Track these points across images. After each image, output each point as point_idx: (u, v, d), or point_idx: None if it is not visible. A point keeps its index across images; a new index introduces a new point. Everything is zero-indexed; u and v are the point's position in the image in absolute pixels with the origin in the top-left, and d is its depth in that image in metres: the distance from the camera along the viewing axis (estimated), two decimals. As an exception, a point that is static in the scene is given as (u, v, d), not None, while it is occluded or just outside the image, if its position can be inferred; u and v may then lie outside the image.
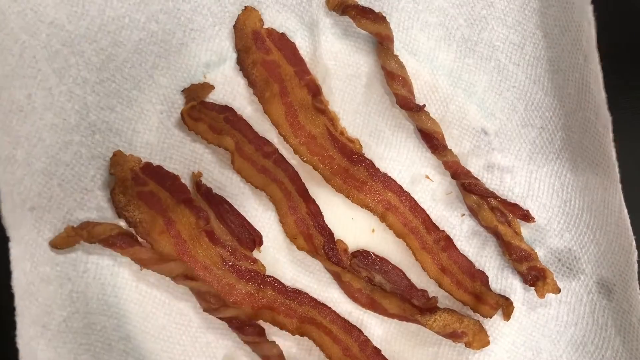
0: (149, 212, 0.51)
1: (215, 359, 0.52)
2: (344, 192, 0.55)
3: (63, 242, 0.49)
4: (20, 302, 0.48)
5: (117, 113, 0.53)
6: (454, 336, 0.52)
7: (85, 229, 0.49)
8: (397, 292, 0.54)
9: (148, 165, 0.52)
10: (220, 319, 0.50)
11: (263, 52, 0.54)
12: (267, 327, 0.53)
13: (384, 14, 0.54)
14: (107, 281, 0.51)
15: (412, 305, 0.53)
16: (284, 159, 0.54)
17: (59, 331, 0.49)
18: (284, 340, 0.53)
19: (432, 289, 0.55)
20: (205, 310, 0.50)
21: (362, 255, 0.54)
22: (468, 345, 0.53)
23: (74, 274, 0.50)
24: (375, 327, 0.55)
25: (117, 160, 0.51)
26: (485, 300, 0.54)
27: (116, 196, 0.51)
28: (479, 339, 0.53)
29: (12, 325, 0.48)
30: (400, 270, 0.55)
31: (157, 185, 0.52)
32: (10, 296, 0.49)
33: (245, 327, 0.50)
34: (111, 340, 0.50)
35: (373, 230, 0.56)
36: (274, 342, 0.51)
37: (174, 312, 0.52)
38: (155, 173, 0.52)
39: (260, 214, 0.54)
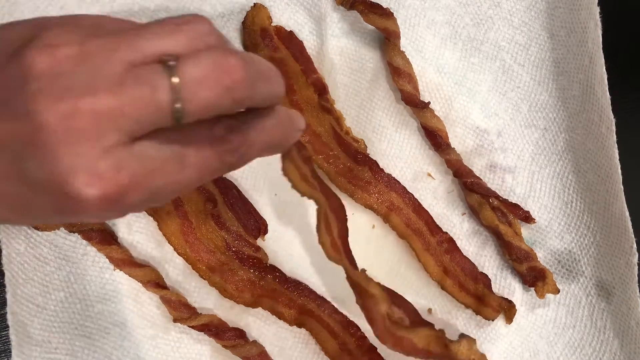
0: (158, 190, 0.51)
1: (210, 343, 0.52)
2: (348, 191, 0.55)
3: (44, 225, 0.49)
4: (12, 280, 0.48)
5: (123, 99, 0.53)
6: None
7: None
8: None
9: None
10: (192, 327, 0.50)
11: (271, 50, 0.55)
12: (265, 317, 0.53)
13: (391, 10, 0.54)
14: (105, 265, 0.51)
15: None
16: (292, 156, 0.54)
17: (55, 312, 0.49)
18: (280, 332, 0.53)
19: (432, 290, 0.55)
20: (175, 319, 0.49)
21: None
22: None
23: (73, 256, 0.50)
24: (372, 323, 0.55)
25: None
26: (487, 302, 0.54)
27: None
28: None
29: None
30: None
31: None
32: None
33: (221, 333, 0.50)
34: (108, 324, 0.50)
35: (373, 227, 0.56)
36: (254, 342, 0.51)
37: (172, 299, 0.52)
38: None
39: (259, 206, 0.54)
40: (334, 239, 0.49)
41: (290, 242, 0.54)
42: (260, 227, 0.53)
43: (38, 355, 0.48)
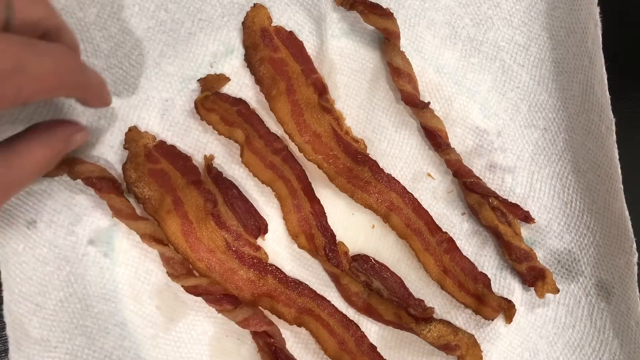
0: (158, 190, 0.52)
1: (207, 345, 0.52)
2: (348, 191, 0.55)
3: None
4: (8, 279, 0.48)
5: (123, 99, 0.53)
6: (447, 348, 0.52)
7: (69, 165, 0.49)
8: (393, 300, 0.53)
9: (162, 143, 0.53)
10: (184, 287, 0.49)
11: (271, 50, 0.55)
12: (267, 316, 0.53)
13: (391, 10, 0.54)
14: (105, 266, 0.51)
15: (408, 314, 0.52)
16: (293, 156, 0.54)
17: (54, 311, 0.49)
18: (281, 332, 0.53)
19: (432, 289, 0.55)
20: (170, 275, 0.50)
21: (362, 259, 0.54)
22: (461, 358, 0.52)
23: (73, 257, 0.50)
24: (372, 323, 0.55)
25: (132, 135, 0.52)
26: (487, 302, 0.54)
27: (127, 171, 0.51)
28: (472, 353, 0.52)
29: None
30: (399, 278, 0.55)
31: (169, 164, 0.52)
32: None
33: (218, 299, 0.49)
34: (107, 324, 0.50)
35: (373, 226, 0.56)
36: (243, 306, 0.50)
37: (171, 299, 0.52)
38: (168, 152, 0.52)
39: (259, 205, 0.54)
40: (309, 227, 0.53)
41: (290, 242, 0.54)
42: (260, 227, 0.53)
43: (37, 354, 0.49)
